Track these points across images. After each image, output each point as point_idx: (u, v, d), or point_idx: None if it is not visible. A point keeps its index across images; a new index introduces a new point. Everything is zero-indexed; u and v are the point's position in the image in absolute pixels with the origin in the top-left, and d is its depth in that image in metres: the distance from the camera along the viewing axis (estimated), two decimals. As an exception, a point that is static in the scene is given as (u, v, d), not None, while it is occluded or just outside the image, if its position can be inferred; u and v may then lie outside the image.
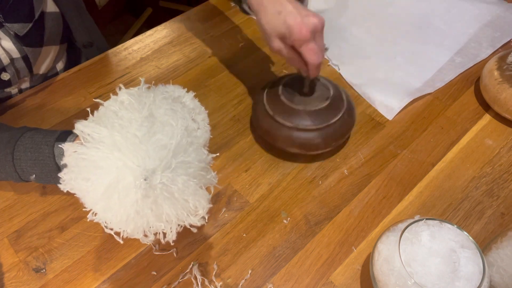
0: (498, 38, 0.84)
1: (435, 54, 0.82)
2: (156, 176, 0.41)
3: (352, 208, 0.61)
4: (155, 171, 0.41)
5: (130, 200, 0.40)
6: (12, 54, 0.68)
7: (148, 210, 0.42)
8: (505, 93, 0.68)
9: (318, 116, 0.62)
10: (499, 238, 0.51)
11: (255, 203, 0.62)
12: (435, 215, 0.60)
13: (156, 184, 0.40)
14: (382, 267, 0.47)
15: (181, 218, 0.43)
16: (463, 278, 0.44)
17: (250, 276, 0.55)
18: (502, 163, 0.66)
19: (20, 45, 0.68)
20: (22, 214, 0.61)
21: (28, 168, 0.52)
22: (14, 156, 0.52)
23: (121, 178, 0.40)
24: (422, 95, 0.75)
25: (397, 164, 0.66)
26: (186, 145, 0.44)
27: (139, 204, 0.41)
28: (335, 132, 0.63)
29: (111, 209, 0.41)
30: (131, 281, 0.55)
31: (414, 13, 0.91)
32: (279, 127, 0.62)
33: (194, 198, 0.43)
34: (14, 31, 0.66)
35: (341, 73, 0.80)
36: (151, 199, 0.41)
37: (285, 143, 0.63)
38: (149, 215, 0.42)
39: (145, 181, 0.40)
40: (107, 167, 0.41)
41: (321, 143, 0.62)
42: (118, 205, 0.41)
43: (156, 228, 0.44)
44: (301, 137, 0.61)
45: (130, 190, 0.40)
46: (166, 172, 0.41)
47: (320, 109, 0.62)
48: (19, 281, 0.55)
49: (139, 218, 0.42)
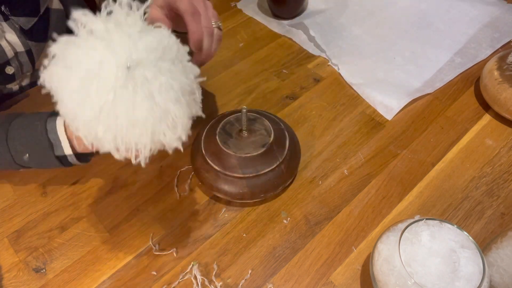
0: (497, 38, 0.85)
1: (434, 54, 0.83)
2: (139, 69, 0.39)
3: (352, 208, 0.61)
4: (140, 64, 0.39)
5: (107, 87, 0.38)
6: (16, 48, 0.68)
7: (123, 107, 0.39)
8: (505, 93, 0.68)
9: (248, 164, 0.57)
10: (499, 238, 0.51)
11: (255, 203, 0.62)
12: (435, 215, 0.60)
13: (137, 76, 0.38)
14: (382, 267, 0.47)
15: (157, 129, 0.40)
16: (463, 278, 0.44)
17: (250, 276, 0.55)
18: (502, 163, 0.66)
19: (25, 39, 0.69)
20: (22, 214, 0.61)
21: (21, 147, 0.52)
22: (8, 135, 0.52)
23: (104, 62, 0.38)
24: (421, 95, 0.75)
25: (397, 164, 0.66)
26: (175, 58, 0.42)
27: (116, 94, 0.38)
28: (265, 184, 0.58)
29: (84, 102, 0.38)
30: (131, 281, 0.55)
31: (414, 13, 0.91)
32: (208, 169, 0.59)
33: (175, 108, 0.40)
34: (20, 25, 0.67)
35: (341, 72, 0.80)
36: (129, 92, 0.38)
37: (211, 187, 0.59)
38: (123, 117, 0.39)
39: (128, 69, 0.38)
40: (91, 55, 0.39)
41: (247, 193, 0.58)
42: (94, 93, 0.38)
43: (128, 139, 0.40)
44: (227, 183, 0.58)
45: (110, 77, 0.38)
46: (150, 67, 0.39)
47: (253, 156, 0.58)
48: (19, 281, 0.55)
49: (113, 118, 0.39)
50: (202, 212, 0.61)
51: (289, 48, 0.86)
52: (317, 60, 0.83)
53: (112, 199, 0.62)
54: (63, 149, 0.54)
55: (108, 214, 0.61)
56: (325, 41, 0.85)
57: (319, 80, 0.79)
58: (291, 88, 0.78)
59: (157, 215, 0.61)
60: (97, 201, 0.62)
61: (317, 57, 0.84)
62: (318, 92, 0.77)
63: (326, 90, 0.77)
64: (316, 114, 0.73)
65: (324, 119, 0.73)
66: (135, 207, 0.62)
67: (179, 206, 0.62)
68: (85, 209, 0.61)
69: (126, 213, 0.61)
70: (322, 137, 0.70)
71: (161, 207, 0.62)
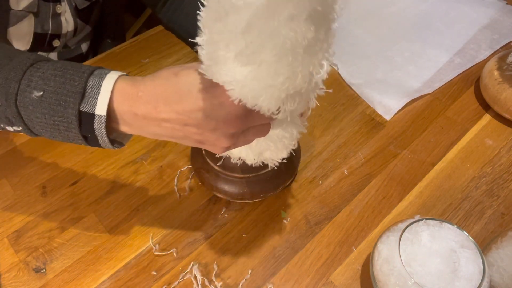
0: (496, 40, 0.85)
1: (434, 55, 0.83)
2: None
3: (352, 208, 0.61)
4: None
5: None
6: (68, 27, 0.76)
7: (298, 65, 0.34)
8: (505, 93, 0.68)
9: (248, 164, 0.55)
10: (499, 238, 0.51)
11: (255, 203, 0.62)
12: (435, 215, 0.60)
13: None
14: (382, 267, 0.47)
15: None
16: (463, 278, 0.44)
17: (250, 276, 0.55)
18: (502, 163, 0.66)
19: (76, 18, 0.77)
20: (22, 214, 0.61)
21: (41, 81, 0.37)
22: (34, 63, 0.38)
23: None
24: (421, 95, 0.75)
25: (397, 164, 0.66)
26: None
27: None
28: (265, 184, 0.58)
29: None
30: (131, 281, 0.55)
31: (414, 14, 0.91)
32: (208, 169, 0.58)
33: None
34: (76, 3, 0.76)
35: (340, 72, 0.80)
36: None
37: (211, 186, 0.59)
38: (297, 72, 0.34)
39: None
40: None
41: (247, 193, 0.57)
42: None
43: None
44: (227, 184, 0.57)
45: None
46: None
47: None
48: (19, 281, 0.55)
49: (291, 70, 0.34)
50: (202, 212, 0.61)
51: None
52: (317, 60, 0.83)
53: (112, 199, 0.62)
54: (96, 104, 0.37)
55: (108, 214, 0.61)
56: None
57: (319, 80, 0.79)
58: (291, 88, 0.78)
59: (157, 215, 0.61)
60: (97, 201, 0.62)
61: (317, 57, 0.84)
62: (318, 92, 0.77)
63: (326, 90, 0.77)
64: (316, 114, 0.73)
65: (324, 119, 0.73)
66: (135, 207, 0.61)
67: (179, 206, 0.62)
68: (85, 209, 0.61)
69: (126, 213, 0.61)
70: (322, 137, 0.70)
71: (161, 207, 0.62)
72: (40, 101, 0.37)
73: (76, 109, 0.37)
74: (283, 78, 0.35)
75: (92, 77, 0.38)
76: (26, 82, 0.37)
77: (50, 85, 0.37)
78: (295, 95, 0.37)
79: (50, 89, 0.37)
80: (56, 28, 0.75)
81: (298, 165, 0.63)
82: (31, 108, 0.37)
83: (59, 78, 0.37)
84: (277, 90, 0.35)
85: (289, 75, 0.34)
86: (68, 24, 0.76)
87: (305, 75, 0.35)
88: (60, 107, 0.37)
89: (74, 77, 0.37)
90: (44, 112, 0.37)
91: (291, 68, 0.34)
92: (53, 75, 0.37)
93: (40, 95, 0.37)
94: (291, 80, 0.35)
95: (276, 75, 0.34)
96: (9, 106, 0.38)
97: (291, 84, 0.35)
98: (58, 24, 0.75)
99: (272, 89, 0.35)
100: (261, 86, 0.35)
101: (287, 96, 0.37)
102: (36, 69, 0.38)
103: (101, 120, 0.37)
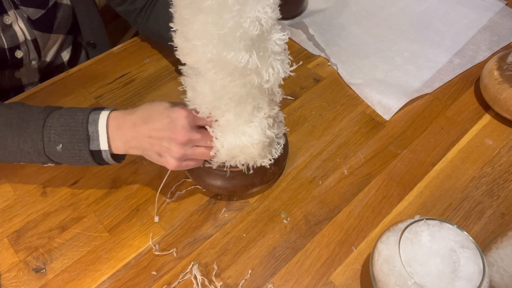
0: (495, 41, 0.86)
1: (434, 55, 0.83)
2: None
3: (352, 208, 0.61)
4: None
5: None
6: (25, 35, 0.73)
7: None
8: (505, 93, 0.68)
9: None
10: (499, 238, 0.51)
11: (255, 203, 0.62)
12: (435, 215, 0.60)
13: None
14: (382, 267, 0.47)
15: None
16: (463, 278, 0.44)
17: (250, 276, 0.55)
18: (502, 163, 0.66)
19: (31, 28, 0.73)
20: (22, 214, 0.61)
21: (57, 136, 0.51)
22: (46, 122, 0.52)
23: None
24: (420, 95, 0.75)
25: (397, 164, 0.66)
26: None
27: None
28: (254, 178, 0.59)
29: None
30: (131, 281, 0.55)
31: (414, 14, 0.91)
32: (206, 168, 0.58)
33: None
34: (28, 15, 0.71)
35: (340, 72, 0.80)
36: None
37: (202, 183, 0.59)
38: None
39: None
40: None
41: (238, 187, 0.59)
42: None
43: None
44: (219, 179, 0.58)
45: None
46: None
47: None
48: (19, 281, 0.55)
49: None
50: (202, 212, 0.61)
51: (289, 48, 0.85)
52: (317, 60, 0.83)
53: (112, 199, 0.62)
54: (100, 143, 0.52)
55: (108, 214, 0.61)
56: (324, 40, 0.85)
57: (319, 80, 0.79)
58: (291, 88, 0.78)
59: (157, 215, 0.61)
60: (97, 201, 0.62)
61: (317, 57, 0.84)
62: (318, 92, 0.77)
63: (326, 90, 0.78)
64: (316, 114, 0.73)
65: (324, 119, 0.73)
66: (135, 207, 0.62)
67: (179, 206, 0.62)
68: (85, 209, 0.61)
69: (126, 213, 0.61)
70: (322, 137, 0.70)
71: (161, 207, 0.62)
72: (62, 151, 0.52)
73: (88, 150, 0.52)
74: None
75: (89, 125, 0.52)
76: (47, 140, 0.52)
77: (64, 138, 0.52)
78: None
79: (65, 141, 0.52)
80: (12, 40, 0.72)
81: (286, 158, 0.63)
82: (57, 155, 0.53)
83: (68, 132, 0.52)
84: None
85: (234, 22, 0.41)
86: (24, 33, 0.73)
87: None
88: (76, 151, 0.52)
89: (77, 128, 0.52)
90: (67, 156, 0.53)
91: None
92: (63, 130, 0.52)
93: (61, 147, 0.52)
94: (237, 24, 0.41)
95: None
96: (42, 157, 0.53)
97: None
98: (13, 35, 0.71)
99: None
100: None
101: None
102: (49, 128, 0.52)
103: (106, 152, 0.53)
